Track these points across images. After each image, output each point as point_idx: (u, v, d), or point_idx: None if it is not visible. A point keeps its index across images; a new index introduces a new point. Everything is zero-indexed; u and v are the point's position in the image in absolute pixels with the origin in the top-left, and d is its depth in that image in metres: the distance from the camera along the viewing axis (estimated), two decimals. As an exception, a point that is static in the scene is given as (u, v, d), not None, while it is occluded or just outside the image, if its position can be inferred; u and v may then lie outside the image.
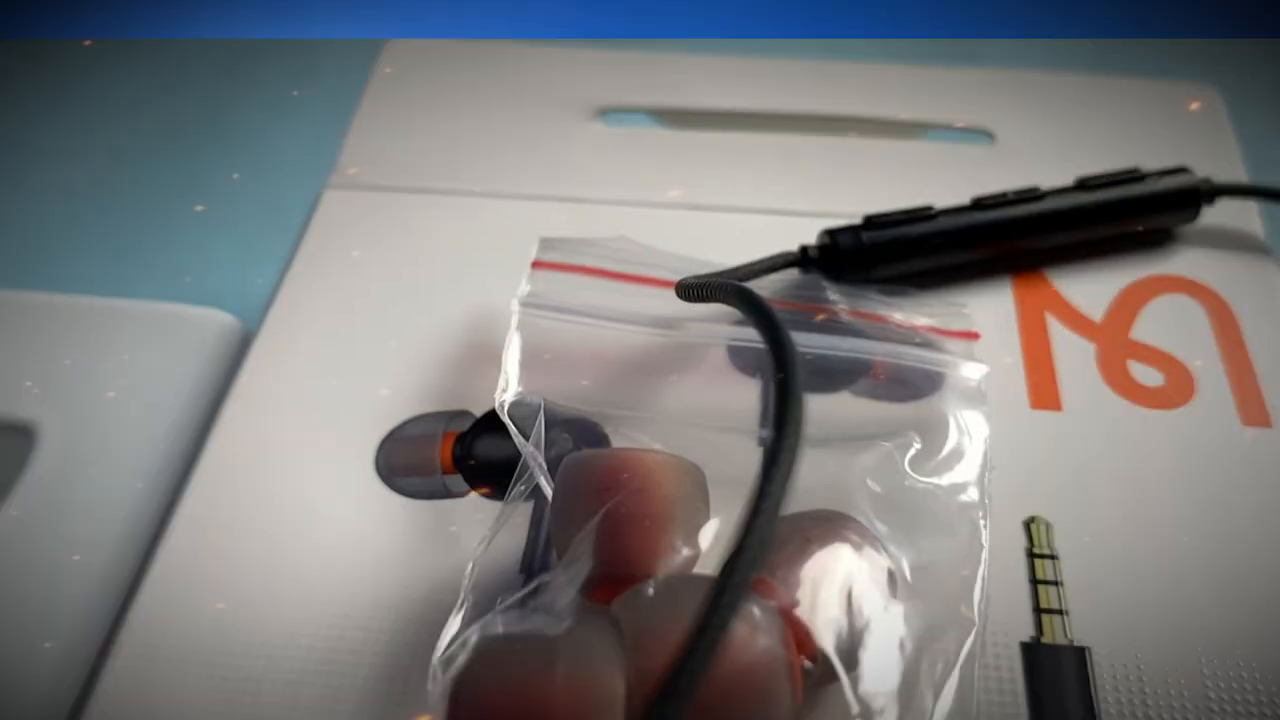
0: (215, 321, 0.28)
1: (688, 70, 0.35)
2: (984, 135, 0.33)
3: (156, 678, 0.21)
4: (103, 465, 0.25)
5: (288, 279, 0.28)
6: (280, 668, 0.21)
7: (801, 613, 0.19)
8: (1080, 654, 0.21)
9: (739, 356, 0.26)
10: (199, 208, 0.38)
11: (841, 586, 0.19)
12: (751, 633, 0.18)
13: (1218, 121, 0.33)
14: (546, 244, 0.26)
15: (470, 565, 0.21)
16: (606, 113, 0.34)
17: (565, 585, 0.19)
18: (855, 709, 0.18)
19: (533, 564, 0.22)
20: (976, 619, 0.20)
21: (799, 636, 0.18)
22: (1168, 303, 0.28)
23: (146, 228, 0.37)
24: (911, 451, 0.23)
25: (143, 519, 0.24)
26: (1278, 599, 0.22)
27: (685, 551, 0.19)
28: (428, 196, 0.31)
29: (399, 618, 0.22)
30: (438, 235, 0.29)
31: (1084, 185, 0.28)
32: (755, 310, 0.18)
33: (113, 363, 0.27)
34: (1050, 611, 0.22)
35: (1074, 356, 0.26)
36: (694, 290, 0.23)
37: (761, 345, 0.24)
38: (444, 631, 0.19)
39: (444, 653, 0.19)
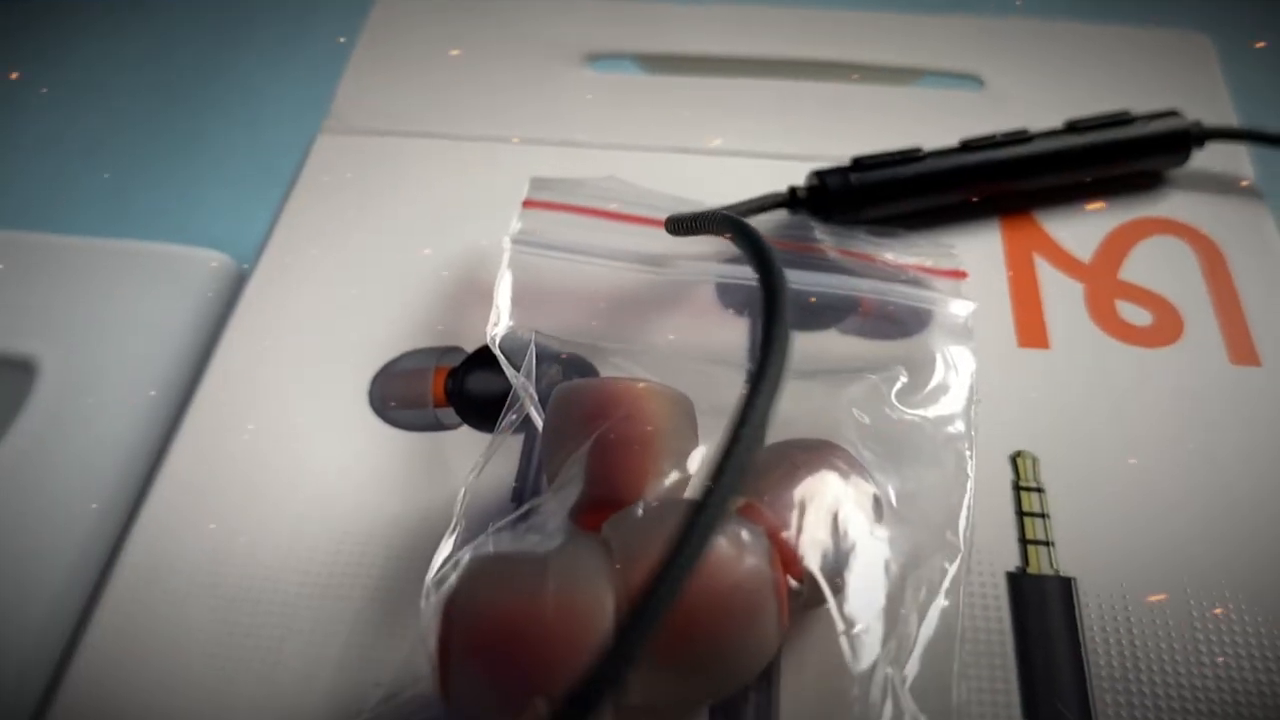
0: (211, 261, 0.28)
1: (676, 17, 0.35)
2: (974, 81, 0.33)
3: (157, 597, 0.21)
4: (102, 398, 0.26)
5: (282, 219, 0.28)
6: (277, 589, 0.21)
7: (788, 535, 0.19)
8: (1066, 584, 0.21)
9: (727, 295, 0.26)
10: (197, 161, 0.38)
11: (828, 511, 0.19)
12: (738, 552, 0.18)
13: (1208, 68, 0.33)
14: (538, 184, 0.26)
15: (462, 491, 0.21)
16: (596, 59, 0.34)
17: (555, 509, 0.20)
18: (841, 626, 0.18)
19: (524, 495, 0.23)
20: (962, 545, 0.20)
21: (786, 558, 0.19)
22: (1157, 244, 0.28)
23: (145, 184, 0.38)
24: (898, 385, 0.23)
25: (142, 449, 0.25)
26: (1264, 534, 0.22)
27: (674, 475, 0.20)
28: (420, 140, 0.31)
29: (392, 544, 0.22)
30: (430, 178, 0.30)
31: (1073, 128, 0.29)
32: (742, 234, 0.19)
33: (113, 300, 0.27)
34: (1036, 543, 0.22)
35: (1062, 296, 0.27)
36: (683, 223, 0.23)
37: (750, 282, 0.24)
38: (436, 554, 0.20)
39: (436, 573, 0.19)
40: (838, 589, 0.19)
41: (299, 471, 0.23)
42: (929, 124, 0.30)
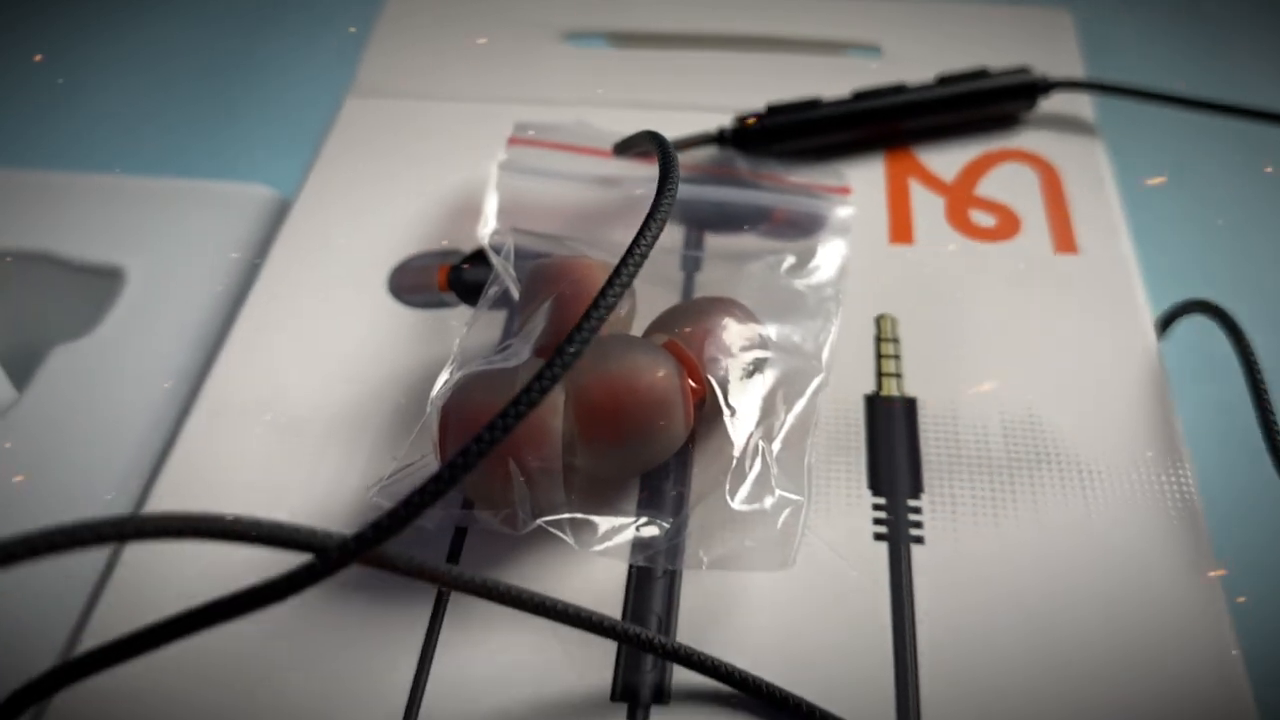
0: (261, 193, 0.36)
1: (638, 3, 0.42)
2: (874, 50, 0.40)
3: (223, 431, 0.28)
4: (176, 297, 0.33)
5: (318, 162, 0.36)
6: (317, 420, 0.28)
7: (693, 356, 0.26)
8: (910, 402, 0.29)
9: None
10: (247, 122, 0.46)
11: (724, 341, 0.27)
12: (653, 364, 0.25)
13: (1067, 37, 0.40)
14: (521, 125, 0.34)
15: (457, 340, 0.28)
16: (572, 36, 0.41)
17: (523, 346, 0.27)
18: (727, 413, 0.26)
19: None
20: (824, 368, 0.28)
21: (691, 371, 0.26)
22: (1007, 169, 0.35)
23: (199, 146, 0.46)
24: (786, 264, 0.30)
25: (207, 337, 0.32)
26: (1065, 371, 0.29)
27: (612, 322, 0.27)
28: (429, 102, 0.38)
29: (407, 384, 0.29)
30: (436, 129, 0.37)
31: (943, 81, 0.36)
32: (655, 140, 0.26)
33: (184, 224, 0.35)
34: (888, 375, 0.29)
35: (926, 207, 0.34)
36: (623, 144, 0.31)
37: (687, 199, 0.32)
38: (438, 380, 0.27)
39: (438, 390, 0.27)
40: (727, 391, 0.26)
41: (334, 340, 0.31)
42: (837, 85, 0.37)
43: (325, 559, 0.18)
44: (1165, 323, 0.32)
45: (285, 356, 0.30)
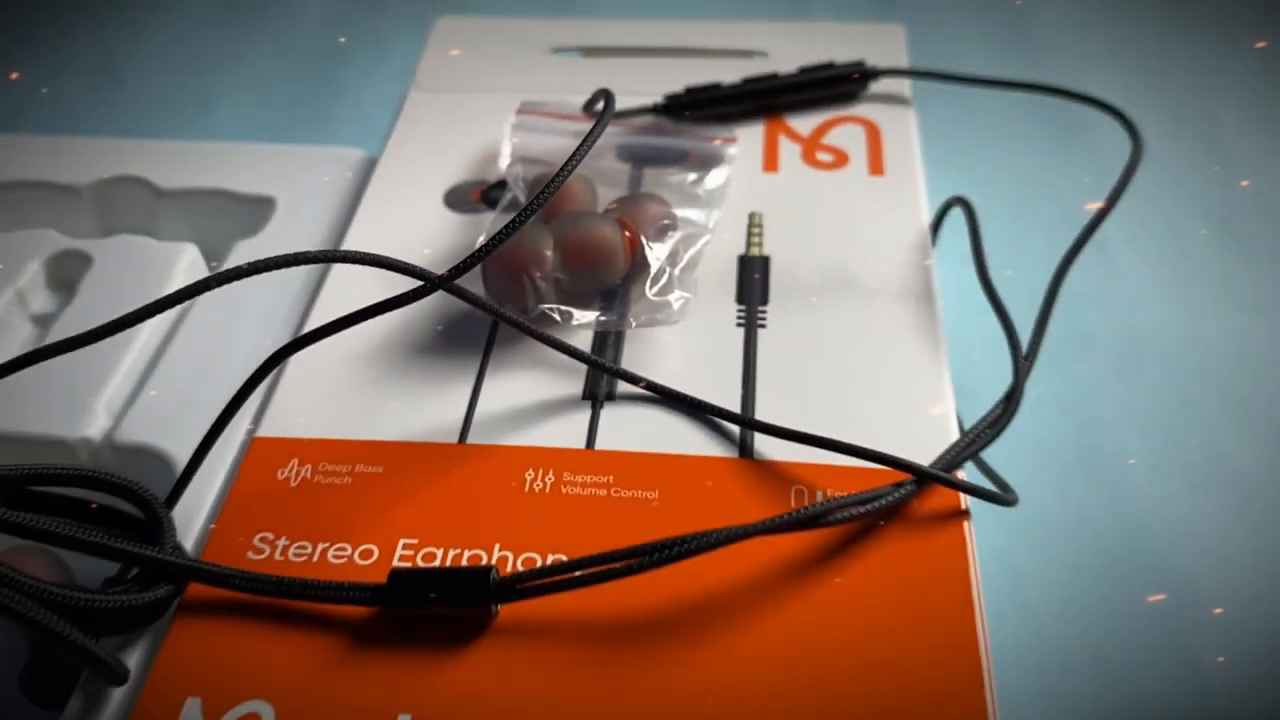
0: (357, 153, 0.55)
1: (602, 28, 0.62)
2: (763, 54, 0.60)
3: (347, 296, 0.47)
4: (311, 214, 0.51)
5: (395, 130, 0.55)
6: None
7: (631, 223, 0.45)
8: (765, 259, 0.48)
9: (620, 151, 0.52)
10: (338, 113, 0.66)
11: (649, 215, 0.46)
12: (605, 224, 0.44)
13: (898, 42, 0.59)
14: (525, 103, 0.53)
15: (488, 223, 0.47)
16: (558, 50, 0.61)
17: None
18: (648, 253, 0.45)
19: (519, 231, 0.49)
20: (709, 232, 0.46)
21: (629, 230, 0.45)
22: (845, 127, 0.54)
23: (315, 125, 0.66)
24: (691, 178, 0.49)
25: (333, 235, 0.50)
26: (864, 245, 0.48)
27: (579, 205, 0.46)
28: (465, 94, 0.57)
29: (456, 255, 0.48)
30: (471, 111, 0.56)
31: (803, 71, 0.55)
32: (604, 95, 0.45)
33: (309, 171, 0.54)
34: (754, 244, 0.48)
35: (789, 151, 0.53)
36: (589, 102, 0.50)
37: (632, 145, 0.51)
38: (477, 242, 0.46)
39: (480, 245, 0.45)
40: (650, 241, 0.45)
41: (412, 233, 0.49)
42: (734, 75, 0.56)
43: (431, 283, 0.37)
44: (939, 216, 0.50)
45: (383, 243, 0.48)
